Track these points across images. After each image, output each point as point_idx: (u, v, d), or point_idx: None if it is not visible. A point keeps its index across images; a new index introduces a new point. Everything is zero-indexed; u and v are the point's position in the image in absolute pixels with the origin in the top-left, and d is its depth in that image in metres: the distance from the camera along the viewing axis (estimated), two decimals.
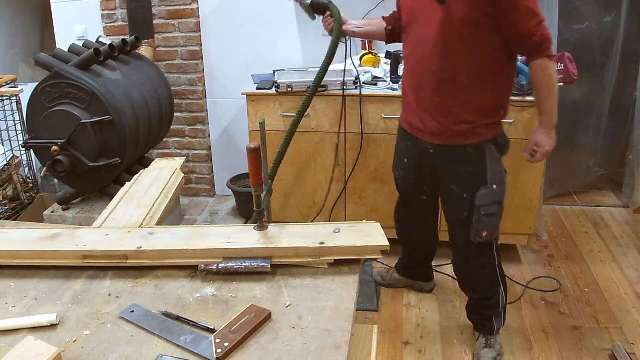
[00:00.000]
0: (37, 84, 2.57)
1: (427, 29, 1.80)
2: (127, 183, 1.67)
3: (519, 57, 2.66)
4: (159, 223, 1.45)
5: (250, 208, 1.25)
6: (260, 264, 1.20)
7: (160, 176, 1.71)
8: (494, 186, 1.89)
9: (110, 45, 2.67)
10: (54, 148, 2.52)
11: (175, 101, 3.32)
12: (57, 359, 0.91)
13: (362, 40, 3.16)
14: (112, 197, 1.62)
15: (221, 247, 1.22)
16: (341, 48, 3.21)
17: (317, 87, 2.43)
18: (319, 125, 2.77)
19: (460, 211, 1.96)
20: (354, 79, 2.70)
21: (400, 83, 2.16)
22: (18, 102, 3.25)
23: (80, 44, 2.79)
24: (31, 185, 3.48)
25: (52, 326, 1.04)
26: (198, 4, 3.30)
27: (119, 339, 1.01)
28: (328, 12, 2.40)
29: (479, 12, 1.67)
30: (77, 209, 2.79)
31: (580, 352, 2.20)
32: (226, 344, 0.96)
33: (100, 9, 3.37)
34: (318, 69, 3.07)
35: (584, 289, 2.64)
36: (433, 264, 2.84)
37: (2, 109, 3.23)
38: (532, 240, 2.96)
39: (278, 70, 3.03)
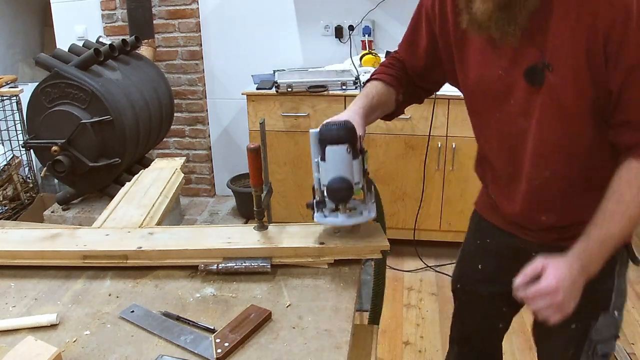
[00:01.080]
0: (37, 84, 2.57)
1: (522, 120, 1.12)
2: (127, 183, 1.67)
3: None
4: (159, 223, 1.45)
5: (250, 208, 1.25)
6: (260, 264, 1.20)
7: (160, 176, 1.71)
8: (616, 312, 1.27)
9: (110, 45, 2.68)
10: (54, 148, 2.52)
11: (175, 101, 3.32)
12: (57, 359, 0.91)
13: (362, 40, 3.16)
14: (112, 197, 1.62)
15: (221, 247, 1.22)
16: (342, 47, 3.22)
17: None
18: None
19: (562, 347, 1.28)
20: (354, 79, 2.70)
21: (475, 167, 1.40)
22: (18, 102, 3.25)
23: (80, 44, 2.79)
24: (31, 185, 3.48)
25: (52, 326, 1.04)
26: (198, 4, 3.31)
27: (119, 339, 1.00)
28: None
29: (592, 90, 1.02)
30: (77, 209, 2.79)
31: None
32: (226, 344, 0.96)
33: (100, 9, 3.37)
34: (318, 69, 3.09)
35: None
36: (432, 264, 2.84)
37: (2, 109, 3.23)
38: None
39: (278, 70, 3.03)
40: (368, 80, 1.35)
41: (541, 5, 0.99)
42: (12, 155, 3.33)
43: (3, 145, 3.32)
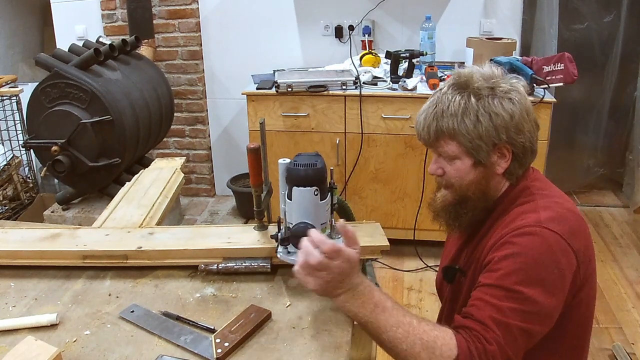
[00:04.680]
0: (37, 84, 2.57)
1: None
2: (127, 183, 1.67)
3: (519, 57, 2.67)
4: (159, 223, 1.45)
5: (250, 208, 1.25)
6: (260, 264, 1.20)
7: (160, 176, 1.71)
8: None
9: (110, 45, 2.67)
10: (54, 148, 2.52)
11: (175, 101, 3.32)
12: (57, 359, 0.91)
13: (362, 40, 3.16)
14: (112, 197, 1.62)
15: (221, 247, 1.22)
16: (342, 47, 3.22)
17: None
18: (319, 125, 2.77)
19: None
20: (354, 78, 2.70)
21: None
22: (18, 102, 3.25)
23: (80, 44, 2.79)
24: (31, 185, 3.48)
25: (52, 326, 1.04)
26: (198, 4, 3.31)
27: (119, 339, 1.01)
28: None
29: None
30: (77, 209, 2.79)
31: None
32: (226, 344, 0.96)
33: (100, 9, 3.37)
34: (318, 68, 3.09)
35: None
36: (432, 264, 2.84)
37: (2, 109, 3.22)
38: None
39: (278, 70, 3.03)
40: None
41: (482, 223, 1.14)
42: (12, 155, 3.33)
43: (3, 145, 3.32)
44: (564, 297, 0.99)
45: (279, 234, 1.14)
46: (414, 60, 2.75)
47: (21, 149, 3.20)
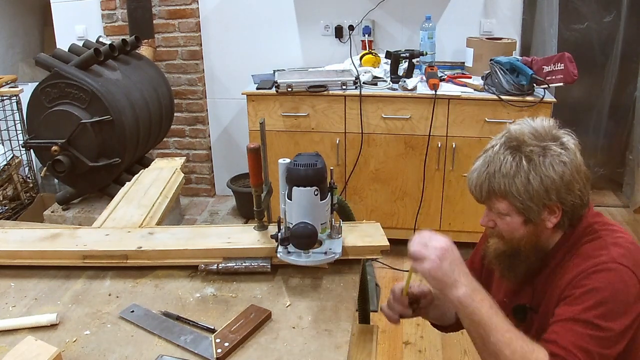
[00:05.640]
0: (37, 84, 2.57)
1: None
2: (127, 183, 1.67)
3: (519, 57, 2.68)
4: (159, 223, 1.45)
5: (250, 208, 1.25)
6: (260, 264, 1.20)
7: (160, 176, 1.71)
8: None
9: (110, 45, 2.67)
10: (54, 148, 2.52)
11: (175, 101, 3.32)
12: (57, 359, 0.91)
13: (362, 40, 3.16)
14: (112, 197, 1.62)
15: (221, 247, 1.22)
16: (342, 47, 3.23)
17: None
18: (319, 125, 2.77)
19: None
20: (354, 78, 2.70)
21: None
22: (18, 102, 3.25)
23: (80, 44, 2.79)
24: (31, 185, 3.48)
25: (52, 326, 1.04)
26: (198, 4, 3.31)
27: (119, 339, 1.01)
28: None
29: None
30: (77, 209, 2.79)
31: None
32: (226, 344, 0.96)
33: (100, 9, 3.37)
34: (318, 68, 3.09)
35: None
36: None
37: (2, 109, 3.22)
38: None
39: (278, 70, 3.03)
40: None
41: (539, 268, 1.17)
42: (12, 155, 3.33)
43: (3, 145, 3.32)
44: (633, 322, 1.05)
45: (279, 234, 1.15)
46: (414, 60, 2.75)
47: (21, 149, 3.20)
